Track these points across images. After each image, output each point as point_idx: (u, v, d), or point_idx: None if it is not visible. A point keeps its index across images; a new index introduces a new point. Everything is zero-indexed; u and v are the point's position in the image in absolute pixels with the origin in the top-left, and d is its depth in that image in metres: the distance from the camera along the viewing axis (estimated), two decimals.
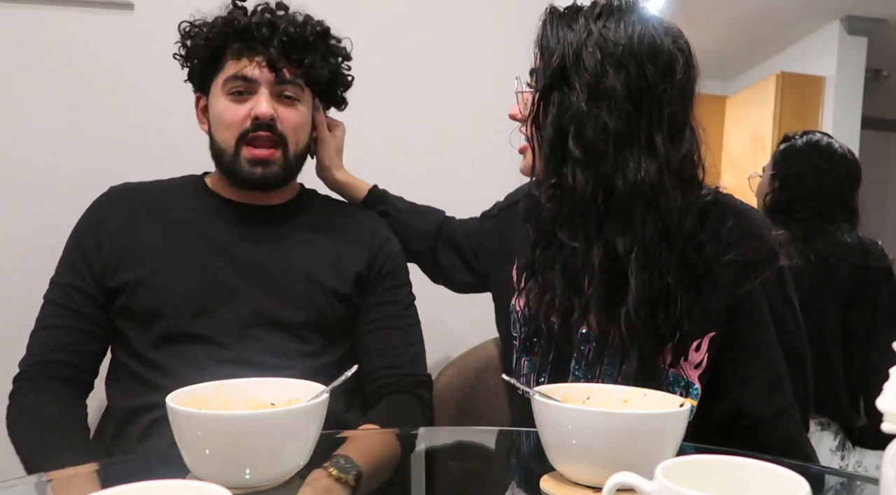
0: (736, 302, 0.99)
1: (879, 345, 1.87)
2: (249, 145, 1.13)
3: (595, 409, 0.75)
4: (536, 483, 0.77)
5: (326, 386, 0.77)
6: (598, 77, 0.95)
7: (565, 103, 0.97)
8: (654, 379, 0.98)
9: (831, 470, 0.97)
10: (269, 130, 1.13)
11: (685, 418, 0.73)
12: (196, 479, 0.67)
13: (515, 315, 1.14)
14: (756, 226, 1.02)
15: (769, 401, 1.00)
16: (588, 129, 0.95)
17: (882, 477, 0.52)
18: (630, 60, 0.95)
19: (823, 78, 4.72)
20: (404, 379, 1.18)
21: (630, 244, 0.96)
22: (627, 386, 0.84)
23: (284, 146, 1.15)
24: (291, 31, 1.14)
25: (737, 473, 0.58)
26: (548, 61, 0.99)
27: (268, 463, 0.70)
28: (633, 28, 0.97)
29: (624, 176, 0.95)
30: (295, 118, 1.16)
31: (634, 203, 0.96)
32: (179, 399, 0.71)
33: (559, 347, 1.05)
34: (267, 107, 1.12)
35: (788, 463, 0.58)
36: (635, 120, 0.96)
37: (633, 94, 0.95)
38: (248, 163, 1.13)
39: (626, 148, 0.96)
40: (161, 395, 0.74)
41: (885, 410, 0.50)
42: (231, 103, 1.14)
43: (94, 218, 1.18)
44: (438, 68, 1.72)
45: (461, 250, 1.31)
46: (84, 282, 1.14)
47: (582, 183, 0.96)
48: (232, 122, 1.13)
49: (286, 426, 0.70)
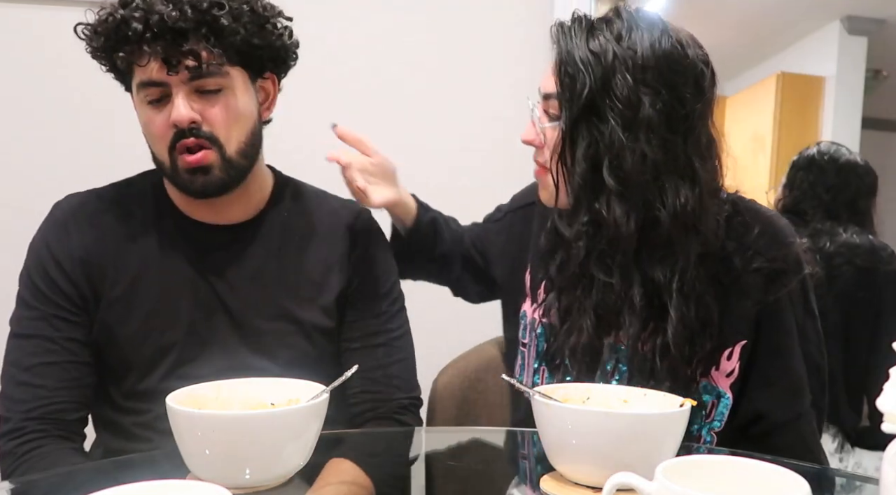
0: (763, 309, 0.98)
1: (884, 349, 1.87)
2: (181, 153, 0.98)
3: (595, 409, 0.75)
4: (536, 483, 0.77)
5: (326, 387, 0.77)
6: (633, 106, 0.91)
7: (596, 135, 0.93)
8: (687, 390, 0.97)
9: (831, 470, 0.96)
10: (194, 135, 0.97)
11: (685, 418, 0.73)
12: (196, 479, 0.67)
13: (526, 321, 1.13)
14: (783, 234, 1.01)
15: (787, 406, 1.00)
16: (626, 161, 0.91)
17: (882, 477, 0.52)
18: (663, 84, 0.92)
19: (823, 78, 4.73)
20: (385, 404, 1.09)
21: (669, 273, 0.94)
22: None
23: (219, 146, 0.98)
24: (160, 21, 0.92)
25: (737, 473, 0.58)
26: (572, 90, 0.93)
27: (268, 463, 0.70)
28: (660, 45, 0.92)
29: (664, 204, 0.92)
30: (222, 113, 0.98)
31: (675, 230, 0.93)
32: (179, 399, 0.71)
33: (587, 362, 1.03)
34: (183, 111, 0.95)
35: (788, 463, 0.58)
36: (672, 145, 0.93)
37: (669, 120, 0.92)
38: (185, 173, 0.99)
39: (664, 175, 0.93)
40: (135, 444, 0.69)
41: (885, 410, 0.50)
42: (151, 113, 0.98)
43: (52, 245, 1.02)
44: (438, 69, 1.72)
45: (471, 259, 1.27)
46: (61, 310, 1.00)
47: (621, 216, 0.92)
48: (157, 134, 0.98)
49: (286, 426, 0.70)
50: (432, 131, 1.72)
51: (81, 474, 0.87)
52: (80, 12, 0.96)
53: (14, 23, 1.48)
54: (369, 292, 1.12)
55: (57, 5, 1.48)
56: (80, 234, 1.02)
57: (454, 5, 1.72)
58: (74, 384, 0.99)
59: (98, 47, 0.97)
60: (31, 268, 1.02)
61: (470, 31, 1.72)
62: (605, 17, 0.97)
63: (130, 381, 1.01)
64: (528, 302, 1.14)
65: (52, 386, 0.97)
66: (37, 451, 0.94)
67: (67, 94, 1.51)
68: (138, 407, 1.02)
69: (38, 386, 0.97)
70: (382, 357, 1.11)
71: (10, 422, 0.96)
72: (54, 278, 1.00)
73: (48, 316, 0.99)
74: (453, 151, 1.73)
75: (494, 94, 1.74)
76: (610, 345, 1.01)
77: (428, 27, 1.71)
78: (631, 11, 0.96)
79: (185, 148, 0.97)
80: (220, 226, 1.06)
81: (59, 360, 0.98)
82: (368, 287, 1.12)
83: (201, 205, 1.05)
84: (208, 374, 0.80)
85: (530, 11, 1.74)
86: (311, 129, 1.68)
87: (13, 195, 1.48)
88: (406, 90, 1.71)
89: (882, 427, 0.50)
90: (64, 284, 1.00)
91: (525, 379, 1.13)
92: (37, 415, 0.96)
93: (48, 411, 0.96)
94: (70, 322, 1.00)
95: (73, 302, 1.00)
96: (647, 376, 0.96)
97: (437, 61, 1.71)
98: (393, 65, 1.69)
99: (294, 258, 1.09)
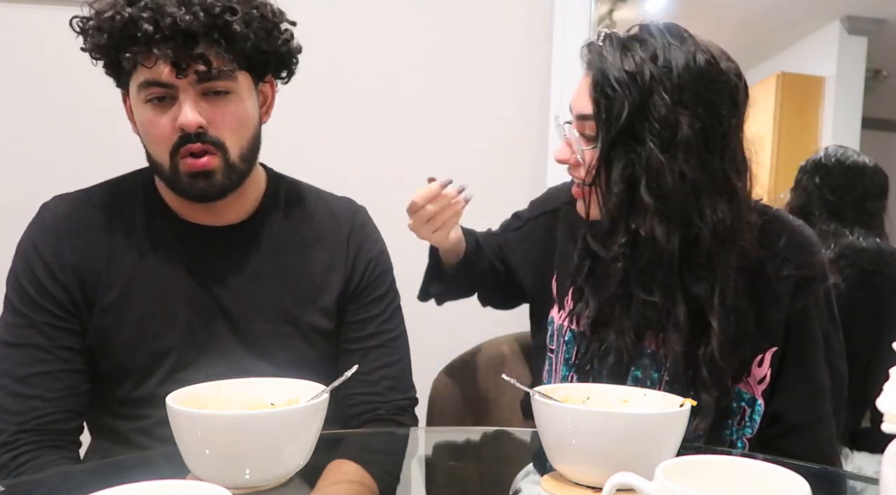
0: (792, 316, 1.00)
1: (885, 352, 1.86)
2: (184, 157, 0.96)
3: (595, 409, 0.75)
4: (537, 483, 0.77)
5: (326, 386, 0.77)
6: (672, 127, 0.91)
7: (633, 157, 0.93)
8: (728, 397, 0.99)
9: (832, 471, 0.97)
10: (200, 140, 0.95)
11: (685, 418, 0.73)
12: (196, 479, 0.67)
13: (553, 327, 1.13)
14: (810, 243, 1.03)
15: (807, 410, 1.01)
16: (665, 181, 0.91)
17: (882, 477, 0.52)
18: (700, 103, 0.92)
19: (823, 78, 4.73)
20: (383, 406, 1.08)
21: (710, 288, 0.95)
22: None
23: (223, 151, 0.97)
24: (172, 24, 0.89)
25: (737, 473, 0.58)
26: (609, 111, 0.93)
27: (268, 463, 0.70)
28: (695, 63, 0.92)
29: (703, 221, 0.93)
30: (230, 117, 0.97)
31: (715, 246, 0.94)
32: (179, 399, 0.71)
33: (616, 368, 1.04)
34: (191, 116, 0.93)
35: (788, 463, 0.58)
36: (710, 163, 0.93)
37: (707, 138, 0.93)
38: (187, 177, 0.96)
39: (703, 193, 0.93)
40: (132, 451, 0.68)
41: (885, 410, 0.50)
42: (153, 113, 0.95)
43: (42, 249, 1.00)
44: (438, 69, 1.72)
45: (494, 267, 1.26)
46: (53, 317, 0.98)
47: (662, 235, 0.93)
48: (159, 136, 0.95)
49: (286, 426, 0.70)
50: (432, 131, 1.72)
51: (81, 474, 0.87)
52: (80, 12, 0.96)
53: (14, 23, 1.48)
54: (367, 293, 1.11)
55: (57, 5, 1.48)
56: (70, 238, 1.00)
57: (454, 5, 1.72)
58: (68, 393, 0.97)
59: (99, 44, 0.93)
60: (20, 273, 1.00)
61: (470, 31, 1.72)
62: (634, 34, 0.97)
63: (127, 388, 1.00)
64: (555, 308, 1.14)
65: (46, 397, 0.95)
66: (31, 463, 0.92)
67: (67, 93, 1.51)
68: (136, 413, 1.01)
69: (31, 397, 0.95)
70: (379, 358, 1.10)
71: (3, 435, 0.94)
72: (45, 284, 0.98)
73: (39, 323, 0.97)
74: (453, 151, 1.73)
75: (494, 94, 1.74)
76: (641, 350, 1.02)
77: (428, 27, 1.71)
78: (659, 26, 0.96)
79: (188, 152, 0.95)
80: (216, 227, 1.05)
81: (52, 369, 0.96)
82: (366, 288, 1.11)
83: (196, 207, 1.03)
84: (206, 379, 0.79)
85: (530, 11, 1.74)
86: (311, 130, 1.68)
87: (13, 195, 1.48)
88: (406, 90, 1.71)
89: (882, 427, 0.50)
90: (55, 290, 0.98)
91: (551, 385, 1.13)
92: (31, 427, 0.94)
93: (42, 422, 0.94)
94: (62, 329, 0.98)
95: (64, 308, 0.98)
96: (689, 386, 0.97)
97: (437, 61, 1.71)
98: (392, 65, 1.69)
99: (292, 259, 1.07)
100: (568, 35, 1.73)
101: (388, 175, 1.64)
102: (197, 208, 1.04)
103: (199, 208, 1.04)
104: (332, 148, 1.60)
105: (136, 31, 0.90)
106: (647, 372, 1.03)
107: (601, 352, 1.02)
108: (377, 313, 1.11)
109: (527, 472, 0.83)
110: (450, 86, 1.72)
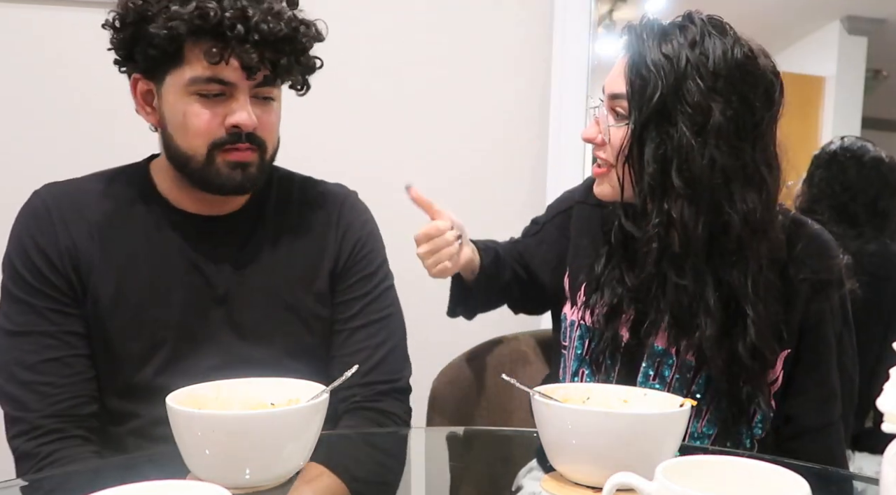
0: (806, 320, 1.00)
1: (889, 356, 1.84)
2: (229, 152, 0.98)
3: (595, 409, 0.75)
4: (539, 479, 0.77)
5: (326, 386, 0.76)
6: (704, 112, 0.92)
7: (665, 138, 0.94)
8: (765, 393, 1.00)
9: (832, 470, 0.97)
10: (249, 140, 0.99)
11: (685, 418, 0.73)
12: (196, 479, 0.67)
13: (566, 323, 1.14)
14: (828, 247, 1.03)
15: (818, 413, 1.02)
16: (695, 164, 0.93)
17: (882, 477, 0.52)
18: (734, 92, 0.93)
19: (823, 78, 4.73)
20: (360, 392, 1.06)
21: (743, 277, 0.95)
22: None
23: (263, 150, 1.01)
24: (266, 30, 0.94)
25: (737, 473, 0.58)
26: (643, 92, 0.95)
27: (268, 463, 0.70)
28: (732, 54, 0.94)
29: (733, 208, 0.94)
30: (272, 120, 1.03)
31: (746, 235, 0.95)
32: (179, 399, 0.71)
33: (626, 361, 1.05)
34: (250, 116, 0.97)
35: (788, 463, 0.58)
36: (741, 152, 0.94)
37: (738, 127, 0.94)
38: (227, 167, 0.98)
39: (733, 181, 0.94)
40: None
41: (885, 410, 0.50)
42: (199, 106, 0.96)
43: (36, 236, 1.00)
44: (438, 69, 1.72)
45: (517, 275, 1.26)
46: (55, 302, 0.98)
47: (690, 219, 0.94)
48: (203, 129, 0.97)
49: (286, 426, 0.70)
50: (431, 131, 1.72)
51: (81, 474, 0.87)
52: (80, 12, 0.96)
53: (14, 23, 1.48)
54: (354, 273, 1.11)
55: (57, 5, 1.48)
56: (63, 223, 1.00)
57: (454, 5, 1.72)
58: (80, 378, 0.98)
59: (166, 28, 0.93)
60: (16, 260, 0.99)
61: (470, 31, 1.72)
62: (676, 22, 0.98)
63: (123, 377, 1.00)
64: (567, 304, 1.15)
65: (58, 383, 0.96)
66: (59, 454, 0.93)
67: (67, 93, 1.51)
68: (132, 411, 1.00)
69: (44, 384, 0.95)
70: (362, 340, 1.09)
71: (23, 423, 0.94)
72: (41, 269, 0.98)
73: (42, 309, 0.97)
74: (453, 151, 1.73)
75: (494, 94, 1.74)
76: (651, 348, 1.03)
77: (428, 27, 1.71)
78: (703, 18, 0.98)
79: (234, 149, 0.98)
80: (210, 216, 1.06)
81: (61, 355, 0.97)
82: (353, 267, 1.11)
83: (193, 196, 1.04)
84: (204, 368, 0.79)
85: (530, 11, 1.74)
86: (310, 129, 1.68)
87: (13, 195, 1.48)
88: (406, 90, 1.71)
89: (882, 427, 0.50)
90: (53, 275, 0.98)
91: (565, 382, 1.14)
92: (51, 413, 0.95)
93: (61, 408, 0.95)
94: (66, 314, 0.98)
95: (64, 293, 0.98)
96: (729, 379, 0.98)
97: (437, 61, 1.71)
98: (392, 65, 1.69)
99: (287, 246, 1.08)
100: (568, 35, 1.73)
101: (388, 175, 1.64)
102: (194, 197, 1.04)
103: (197, 198, 1.04)
104: (331, 148, 1.60)
105: (224, 29, 0.92)
106: (658, 369, 1.03)
107: (613, 344, 1.03)
108: (363, 293, 1.11)
109: (529, 468, 0.83)
110: (450, 86, 1.72)
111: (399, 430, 1.07)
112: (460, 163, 1.72)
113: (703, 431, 1.02)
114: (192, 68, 0.95)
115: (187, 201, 1.05)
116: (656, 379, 1.03)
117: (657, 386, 1.03)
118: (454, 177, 1.72)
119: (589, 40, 1.74)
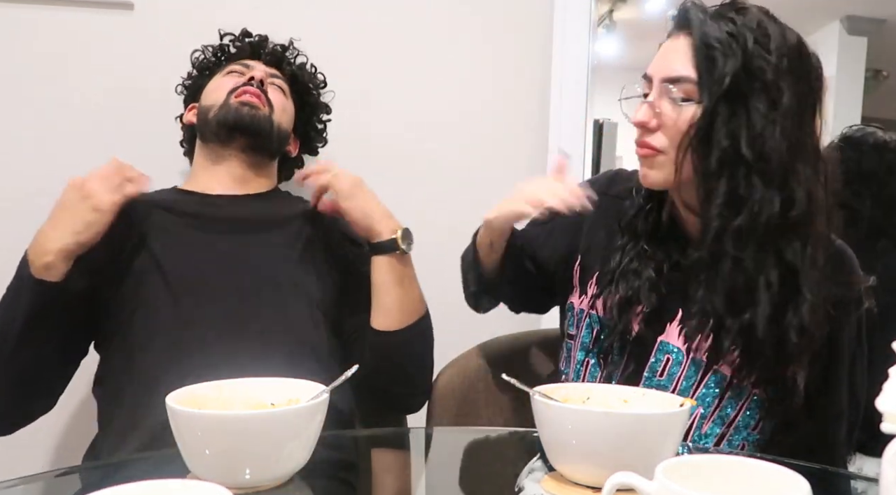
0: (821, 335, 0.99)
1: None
2: (238, 96, 1.23)
3: (595, 409, 0.75)
4: (540, 481, 0.77)
5: (326, 386, 0.77)
6: (777, 90, 0.94)
7: (740, 114, 0.94)
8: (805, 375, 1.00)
9: (832, 470, 0.97)
10: (260, 89, 1.25)
11: (685, 418, 0.73)
12: (196, 479, 0.67)
13: (573, 313, 1.14)
14: (850, 264, 1.04)
15: (822, 432, 1.02)
16: (768, 141, 0.93)
17: (882, 477, 0.52)
18: (796, 74, 0.95)
19: None
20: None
21: (802, 254, 0.96)
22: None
23: (272, 109, 1.25)
24: (272, 48, 1.39)
25: (737, 473, 0.58)
26: (712, 72, 0.94)
27: (268, 463, 0.70)
28: (788, 36, 0.96)
29: (799, 185, 0.95)
30: (282, 97, 1.30)
31: (812, 211, 0.95)
32: (180, 399, 0.71)
33: (635, 356, 1.05)
34: (261, 72, 1.27)
35: (788, 463, 0.58)
36: (804, 132, 0.96)
37: (801, 106, 0.96)
38: (238, 105, 1.22)
39: (798, 158, 0.95)
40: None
41: (885, 410, 0.50)
42: (227, 78, 1.28)
43: None
44: (438, 68, 1.72)
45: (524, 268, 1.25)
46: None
47: (764, 193, 0.94)
48: (226, 86, 1.25)
49: (286, 426, 0.70)
50: (431, 131, 1.72)
51: (81, 474, 0.87)
52: (79, 12, 0.96)
53: (14, 23, 1.48)
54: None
55: (57, 5, 1.48)
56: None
57: (454, 5, 1.71)
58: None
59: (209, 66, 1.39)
60: None
61: (470, 32, 1.72)
62: (727, 4, 0.99)
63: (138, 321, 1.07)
64: (576, 294, 1.15)
65: None
66: None
67: (67, 94, 1.51)
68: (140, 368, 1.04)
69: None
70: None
71: None
72: None
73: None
74: (452, 151, 1.72)
75: (494, 94, 1.74)
76: (661, 344, 1.03)
77: (428, 27, 1.71)
78: (750, 2, 0.99)
79: (245, 92, 1.23)
80: (236, 196, 1.24)
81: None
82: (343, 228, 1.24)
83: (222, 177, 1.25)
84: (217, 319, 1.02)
85: (530, 11, 1.74)
86: None
87: (13, 195, 1.48)
88: (405, 90, 1.70)
89: (881, 427, 0.50)
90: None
91: (570, 372, 1.14)
92: None
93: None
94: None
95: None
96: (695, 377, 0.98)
97: (437, 61, 1.71)
98: (392, 64, 1.69)
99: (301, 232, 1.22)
100: (568, 35, 1.73)
101: (388, 174, 1.64)
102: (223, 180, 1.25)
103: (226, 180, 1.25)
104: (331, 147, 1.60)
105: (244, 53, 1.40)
106: (667, 366, 1.03)
107: (623, 336, 1.03)
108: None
109: (530, 469, 0.83)
110: (449, 85, 1.72)
111: (400, 430, 1.07)
112: (460, 162, 1.72)
113: (707, 432, 1.01)
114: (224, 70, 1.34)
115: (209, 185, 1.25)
116: (663, 376, 1.02)
117: (664, 382, 1.02)
118: (454, 177, 1.72)
119: (589, 40, 1.74)
